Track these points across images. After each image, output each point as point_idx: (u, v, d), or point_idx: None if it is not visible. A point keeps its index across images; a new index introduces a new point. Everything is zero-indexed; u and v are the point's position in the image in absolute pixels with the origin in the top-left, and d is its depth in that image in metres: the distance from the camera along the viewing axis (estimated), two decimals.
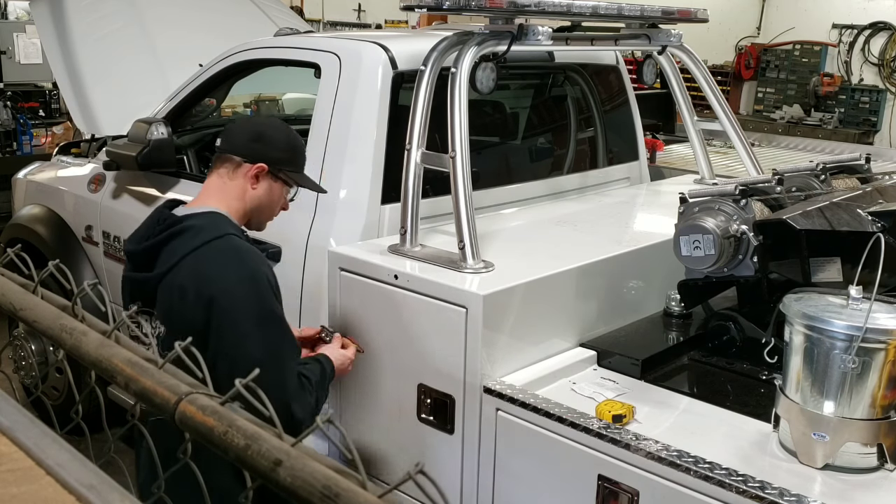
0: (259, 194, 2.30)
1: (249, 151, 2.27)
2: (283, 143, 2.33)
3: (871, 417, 1.97)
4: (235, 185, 2.27)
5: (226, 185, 2.27)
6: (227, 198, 2.26)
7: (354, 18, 13.77)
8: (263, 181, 2.29)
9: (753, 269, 2.48)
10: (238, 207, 2.28)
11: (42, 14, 4.53)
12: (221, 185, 2.28)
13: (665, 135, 6.41)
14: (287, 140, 2.35)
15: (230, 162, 2.28)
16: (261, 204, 2.32)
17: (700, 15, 3.57)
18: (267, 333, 2.11)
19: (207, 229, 2.14)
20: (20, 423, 0.92)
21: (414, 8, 2.91)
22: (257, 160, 2.27)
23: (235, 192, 2.27)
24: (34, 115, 7.57)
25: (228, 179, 2.28)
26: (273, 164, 2.29)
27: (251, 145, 2.29)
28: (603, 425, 2.17)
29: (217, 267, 2.10)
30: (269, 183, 2.31)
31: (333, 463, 0.81)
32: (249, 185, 2.28)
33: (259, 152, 2.28)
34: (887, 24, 10.49)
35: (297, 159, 2.39)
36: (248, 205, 2.30)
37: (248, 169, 2.27)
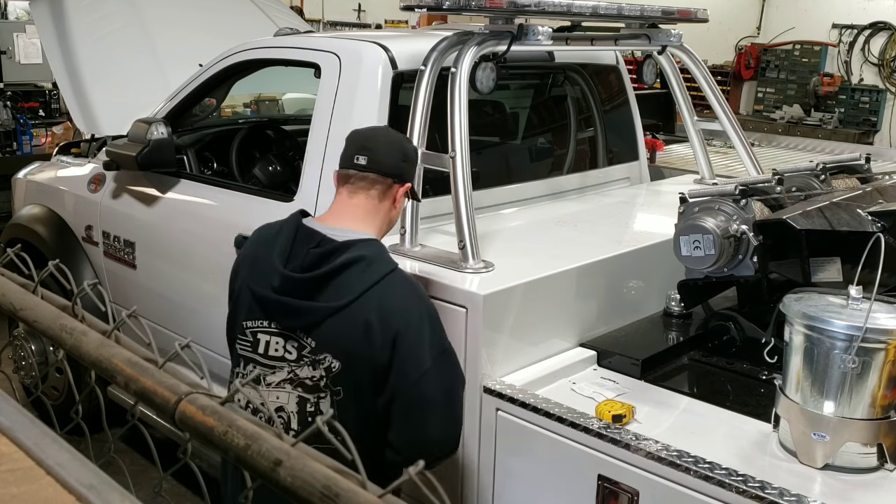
0: (397, 213, 2.27)
1: (400, 171, 2.20)
2: (416, 157, 2.30)
3: (871, 417, 1.97)
4: (384, 206, 2.20)
5: (376, 207, 2.18)
6: (377, 221, 2.19)
7: (354, 18, 13.77)
8: (400, 199, 2.25)
9: (753, 269, 2.48)
10: (382, 229, 2.22)
11: (42, 14, 4.53)
12: (372, 207, 2.18)
13: (665, 135, 6.41)
14: (416, 154, 2.33)
15: (381, 183, 2.18)
16: (392, 223, 2.27)
17: (700, 15, 3.57)
18: (444, 369, 2.09)
19: (379, 261, 2.09)
20: (20, 423, 0.92)
21: (414, 8, 2.92)
22: (406, 180, 2.22)
23: (383, 213, 2.20)
24: (34, 115, 7.57)
25: (379, 201, 2.18)
26: (412, 182, 2.27)
27: (401, 165, 2.21)
28: (603, 425, 2.17)
29: (401, 302, 2.06)
30: (401, 202, 2.27)
31: (333, 463, 0.81)
32: (393, 205, 2.22)
33: (407, 171, 2.23)
34: (887, 24, 10.49)
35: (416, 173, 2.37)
36: (388, 225, 2.25)
37: (398, 189, 2.20)
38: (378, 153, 2.18)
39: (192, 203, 3.52)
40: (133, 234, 3.75)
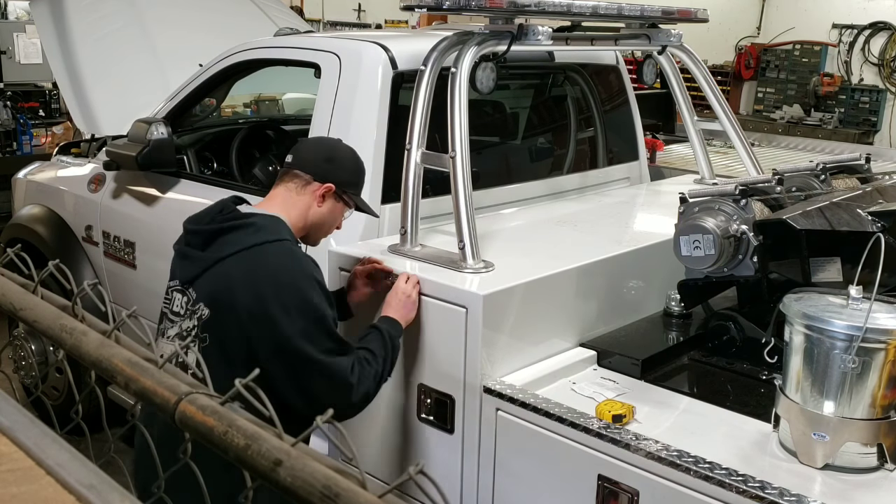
0: (323, 212, 2.39)
1: (321, 171, 2.38)
2: (351, 165, 2.46)
3: (871, 417, 1.97)
4: (302, 200, 2.37)
5: (292, 199, 2.37)
6: (292, 210, 2.35)
7: (354, 18, 13.77)
8: (328, 200, 2.39)
9: (753, 269, 2.48)
10: (299, 221, 2.37)
11: (42, 14, 4.53)
12: (288, 197, 2.37)
13: (665, 135, 6.41)
14: (355, 164, 2.47)
15: (300, 178, 2.38)
16: (322, 221, 2.42)
17: (700, 15, 3.57)
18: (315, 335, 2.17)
19: (267, 230, 2.24)
20: (20, 423, 0.92)
21: (414, 8, 2.92)
22: (327, 180, 2.37)
23: (300, 206, 2.37)
24: (34, 115, 7.57)
25: (296, 194, 2.37)
26: (340, 186, 2.39)
27: (323, 165, 2.39)
28: (603, 425, 2.17)
29: (271, 264, 2.18)
30: (333, 203, 2.41)
31: (333, 463, 0.81)
32: (315, 202, 2.37)
33: (329, 173, 2.38)
34: (887, 24, 10.49)
35: (360, 183, 2.50)
36: (310, 221, 2.39)
37: (317, 188, 2.37)
38: (303, 152, 2.44)
39: (193, 203, 3.50)
40: (133, 234, 3.75)
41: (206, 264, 2.22)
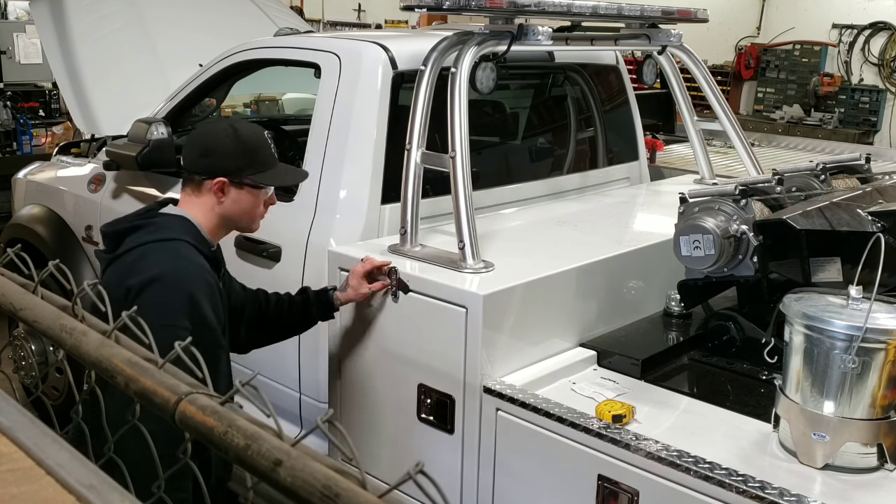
0: (227, 206, 2.28)
1: (204, 168, 2.26)
2: (232, 150, 2.25)
3: (871, 417, 1.97)
4: (203, 200, 2.27)
5: (193, 200, 2.28)
6: (198, 211, 2.27)
7: (354, 18, 13.77)
8: (230, 192, 2.27)
9: (753, 269, 2.48)
10: (210, 220, 2.28)
11: (42, 14, 4.53)
12: (189, 200, 2.29)
13: (665, 135, 6.41)
14: (237, 145, 2.26)
15: (192, 181, 2.29)
16: (233, 214, 2.30)
17: (700, 15, 3.57)
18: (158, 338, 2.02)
19: (162, 229, 2.18)
20: (20, 423, 0.92)
21: (414, 8, 2.92)
22: (215, 175, 2.24)
23: (205, 206, 2.27)
24: (34, 115, 7.57)
25: (195, 197, 2.28)
26: (232, 175, 2.25)
27: (202, 161, 2.26)
28: (603, 425, 2.17)
29: (147, 263, 2.10)
30: (237, 192, 2.27)
31: (333, 463, 0.81)
32: (216, 199, 2.26)
33: (213, 167, 2.25)
34: (887, 24, 10.49)
35: (257, 159, 2.29)
36: (223, 216, 2.29)
37: (210, 185, 2.25)
38: (185, 154, 2.34)
39: None
40: None
41: (105, 264, 2.20)
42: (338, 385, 2.84)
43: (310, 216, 2.95)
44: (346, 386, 2.82)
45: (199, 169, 2.26)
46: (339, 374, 2.83)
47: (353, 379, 2.79)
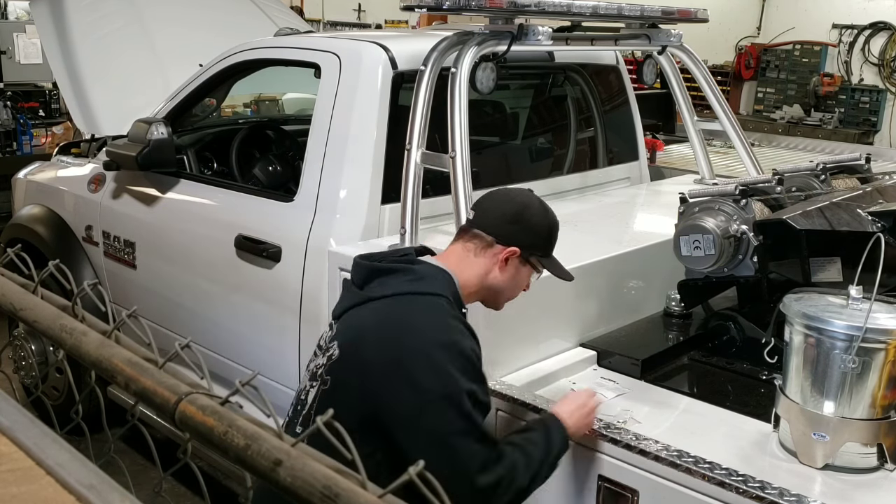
0: (504, 278, 2.12)
1: (505, 233, 2.09)
2: (541, 226, 2.15)
3: (871, 417, 1.97)
4: (481, 262, 2.10)
5: (469, 259, 2.10)
6: (467, 270, 2.09)
7: (354, 18, 13.77)
8: (511, 265, 2.11)
9: (753, 269, 2.48)
10: (475, 283, 2.11)
11: (42, 14, 4.53)
12: (465, 256, 2.11)
13: (665, 135, 6.41)
14: (547, 224, 2.16)
15: (480, 239, 2.10)
16: (504, 287, 2.14)
17: (700, 15, 3.57)
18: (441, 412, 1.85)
19: (426, 281, 2.00)
20: (20, 423, 0.92)
21: (414, 8, 2.92)
22: (511, 244, 2.09)
23: (479, 269, 2.10)
24: (34, 115, 7.57)
25: (474, 256, 2.10)
26: (526, 250, 2.11)
27: (508, 227, 2.11)
28: (603, 425, 2.17)
29: (409, 319, 1.94)
30: (517, 267, 2.13)
31: (333, 463, 0.81)
32: (497, 267, 2.10)
33: (515, 235, 2.10)
34: (887, 24, 10.49)
35: (551, 244, 2.19)
36: (488, 285, 2.12)
37: (500, 251, 2.09)
38: (486, 209, 2.15)
39: (192, 203, 3.52)
40: (133, 234, 3.75)
41: (353, 301, 2.02)
42: None
43: (310, 216, 2.95)
44: None
45: (500, 232, 2.09)
46: None
47: None
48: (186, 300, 3.53)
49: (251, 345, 3.22)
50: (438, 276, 2.03)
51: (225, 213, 3.32)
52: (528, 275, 2.17)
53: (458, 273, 2.07)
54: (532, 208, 2.15)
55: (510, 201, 2.18)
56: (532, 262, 2.14)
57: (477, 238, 2.11)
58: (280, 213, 3.09)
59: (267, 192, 3.37)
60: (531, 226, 2.13)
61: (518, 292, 2.21)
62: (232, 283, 3.24)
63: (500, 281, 2.12)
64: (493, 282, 2.12)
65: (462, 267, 2.09)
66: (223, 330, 3.32)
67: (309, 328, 2.92)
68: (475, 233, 2.11)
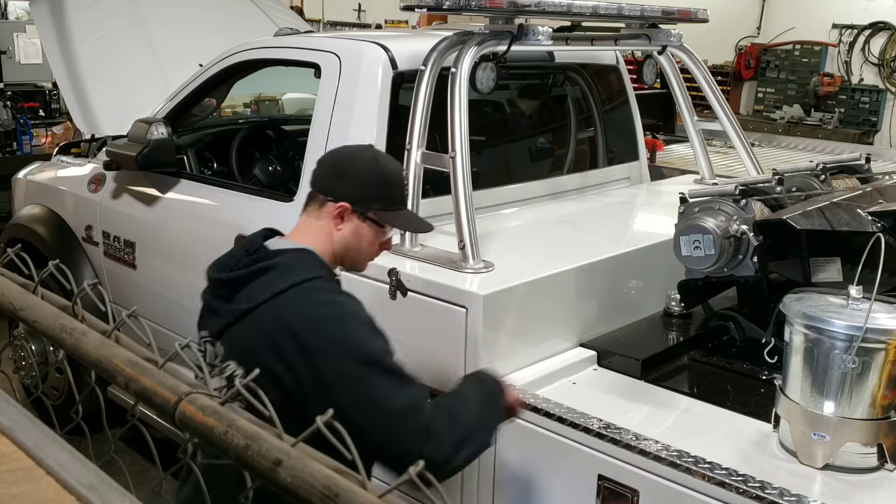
0: (345, 235, 2.06)
1: (331, 189, 2.06)
2: (372, 178, 2.08)
3: (871, 417, 1.97)
4: (322, 224, 2.06)
5: (313, 225, 2.07)
6: (317, 236, 2.06)
7: (354, 18, 13.78)
8: (349, 222, 2.06)
9: (753, 269, 2.48)
10: (327, 248, 2.06)
11: (42, 14, 4.53)
12: (309, 223, 2.09)
13: (665, 135, 6.41)
14: (375, 174, 2.09)
15: (315, 200, 2.08)
16: (348, 246, 2.08)
17: (700, 15, 3.57)
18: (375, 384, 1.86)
19: (295, 270, 1.94)
20: (20, 423, 0.92)
21: (414, 8, 2.92)
22: (340, 199, 2.04)
23: (322, 232, 2.06)
24: (34, 115, 7.58)
25: (315, 219, 2.07)
26: (358, 204, 2.05)
27: (335, 181, 2.07)
28: (603, 425, 2.17)
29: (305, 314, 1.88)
30: (356, 222, 2.07)
31: (333, 463, 0.81)
32: (334, 225, 2.06)
33: (341, 190, 2.05)
34: (887, 24, 10.49)
35: (389, 196, 2.12)
36: (337, 246, 2.07)
37: (332, 208, 2.05)
38: (318, 168, 2.12)
39: (192, 203, 3.52)
40: (133, 234, 3.75)
41: (231, 318, 1.93)
42: None
43: None
44: None
45: (326, 189, 2.07)
46: None
47: None
48: (186, 300, 3.52)
49: None
50: (303, 259, 1.98)
51: (225, 213, 3.32)
52: (374, 231, 2.10)
53: (315, 244, 2.03)
54: (361, 159, 2.10)
55: (338, 155, 2.15)
56: (371, 217, 2.07)
57: (315, 200, 2.08)
58: (280, 213, 3.08)
59: (267, 192, 3.37)
60: (359, 177, 2.07)
61: (374, 250, 2.14)
62: None
63: (344, 239, 2.06)
64: (338, 242, 2.06)
65: (313, 236, 2.05)
66: None
67: None
68: (312, 194, 2.09)
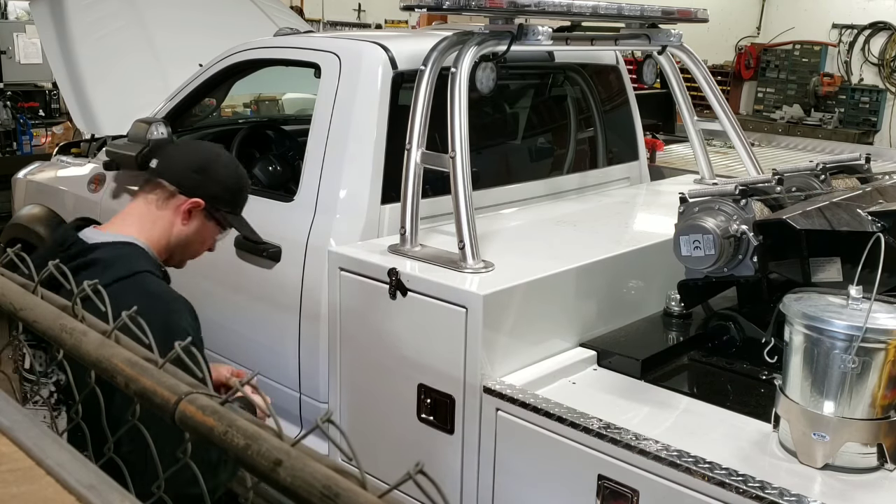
0: (188, 231, 2.04)
1: (188, 182, 2.01)
2: (229, 179, 2.08)
3: (871, 417, 1.97)
4: (163, 216, 2.01)
5: (152, 214, 2.00)
6: (150, 228, 2.00)
7: (354, 18, 13.77)
8: (196, 218, 2.04)
9: (753, 269, 2.48)
10: (160, 240, 2.01)
11: (42, 14, 4.53)
12: (147, 212, 2.01)
13: (665, 135, 6.41)
14: (234, 177, 2.10)
15: (163, 189, 2.01)
16: (188, 242, 2.06)
17: (700, 15, 3.57)
18: None
19: (117, 265, 1.84)
20: (20, 423, 0.92)
21: (414, 8, 2.92)
22: (195, 194, 2.01)
23: (162, 223, 2.01)
24: (34, 115, 7.58)
25: (156, 208, 2.01)
26: (211, 202, 2.04)
27: (193, 176, 2.02)
28: (603, 425, 2.17)
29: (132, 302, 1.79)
30: (202, 221, 2.06)
31: (333, 463, 0.81)
32: (180, 219, 2.02)
33: (200, 186, 2.02)
34: (887, 24, 10.49)
35: (239, 200, 2.14)
36: (174, 240, 2.04)
37: (182, 202, 2.01)
38: (170, 158, 2.07)
39: None
40: None
41: None
42: (338, 385, 2.84)
43: (310, 216, 2.95)
44: (345, 386, 2.82)
45: (183, 182, 2.01)
46: (338, 374, 2.83)
47: (353, 379, 2.79)
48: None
49: (251, 345, 3.22)
50: (127, 254, 1.89)
51: None
52: (213, 231, 2.09)
53: (145, 235, 1.97)
54: (221, 160, 2.09)
55: (198, 150, 2.13)
56: (218, 217, 2.06)
57: (159, 188, 2.01)
58: (280, 213, 3.09)
59: (267, 192, 3.37)
60: (219, 177, 2.05)
61: (203, 250, 2.12)
62: (232, 283, 3.24)
63: (185, 234, 2.03)
64: (178, 236, 2.03)
65: (145, 224, 1.99)
66: (223, 330, 3.32)
67: (309, 328, 2.92)
68: (158, 182, 2.02)
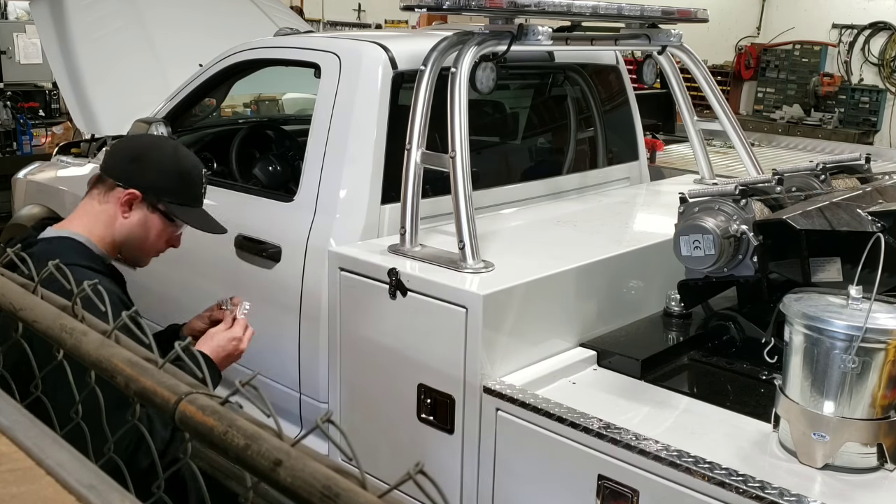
0: (130, 225, 1.99)
1: (124, 174, 1.98)
2: (167, 169, 2.01)
3: (871, 417, 1.97)
4: (105, 209, 1.98)
5: (95, 208, 1.98)
6: (93, 222, 1.97)
7: (354, 18, 13.77)
8: (137, 211, 1.99)
9: (753, 269, 2.48)
10: (105, 235, 1.98)
11: (42, 14, 4.53)
12: (91, 207, 1.99)
13: (665, 135, 6.42)
14: (175, 167, 2.02)
15: (105, 183, 1.99)
16: (132, 236, 2.01)
17: (700, 15, 3.58)
18: None
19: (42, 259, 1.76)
20: (20, 423, 0.92)
21: (414, 8, 2.91)
22: (130, 185, 1.97)
23: (104, 217, 1.98)
24: (34, 115, 7.58)
25: (99, 203, 1.99)
26: (149, 193, 1.99)
27: (127, 166, 1.99)
28: (603, 425, 2.17)
29: None
30: (145, 213, 2.00)
31: (333, 463, 0.81)
32: (120, 212, 1.98)
33: (135, 176, 1.98)
34: (887, 24, 10.49)
35: (186, 190, 2.05)
36: (118, 234, 1.99)
37: (120, 194, 1.97)
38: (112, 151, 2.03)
39: None
40: None
41: None
42: (338, 385, 2.84)
43: (310, 216, 2.95)
44: (346, 386, 2.82)
45: (117, 173, 1.98)
46: (339, 374, 2.83)
47: (353, 379, 2.79)
48: (186, 300, 3.52)
49: (251, 344, 3.22)
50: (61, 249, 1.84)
51: (225, 213, 3.29)
52: (163, 225, 2.02)
53: (89, 229, 1.94)
54: (160, 149, 2.02)
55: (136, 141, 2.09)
56: (161, 210, 2.00)
57: (103, 183, 1.99)
58: (280, 213, 3.09)
59: (267, 192, 3.37)
60: (154, 166, 1.98)
61: (160, 245, 2.06)
62: (232, 283, 3.24)
63: (128, 229, 1.98)
64: (121, 231, 1.98)
65: (89, 221, 1.96)
66: None
67: (309, 328, 2.92)
68: (101, 176, 2.00)
